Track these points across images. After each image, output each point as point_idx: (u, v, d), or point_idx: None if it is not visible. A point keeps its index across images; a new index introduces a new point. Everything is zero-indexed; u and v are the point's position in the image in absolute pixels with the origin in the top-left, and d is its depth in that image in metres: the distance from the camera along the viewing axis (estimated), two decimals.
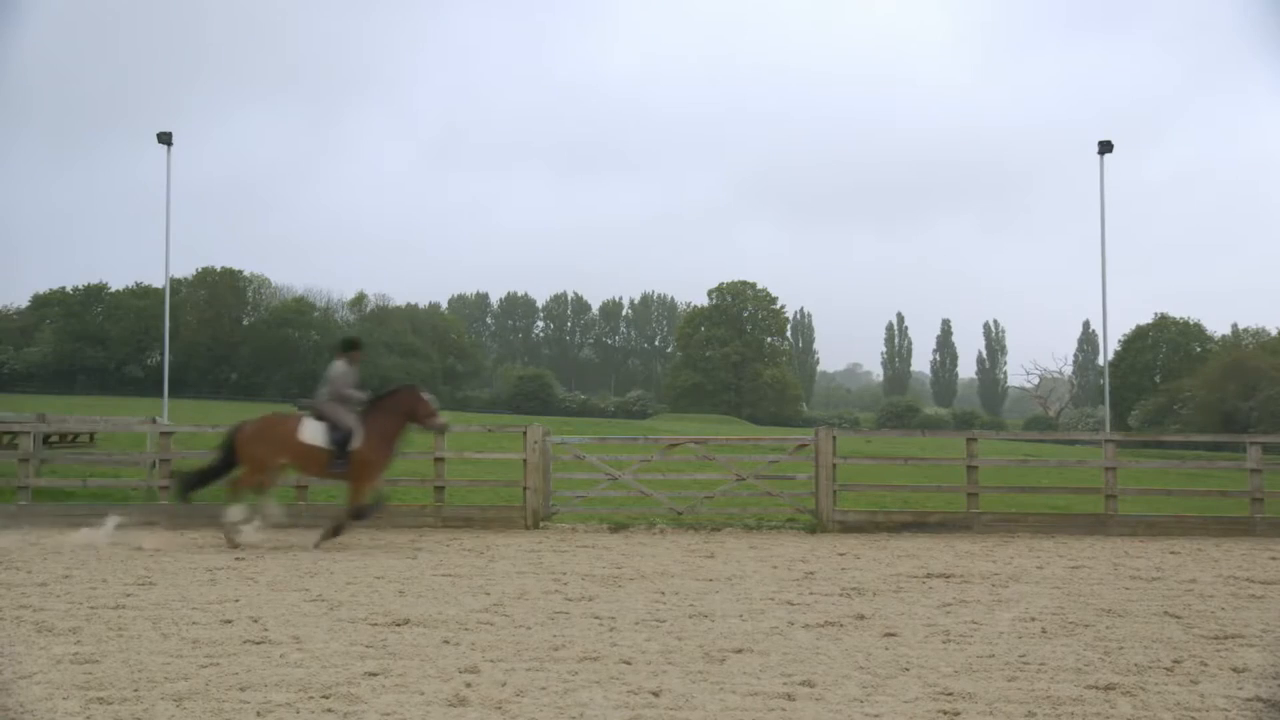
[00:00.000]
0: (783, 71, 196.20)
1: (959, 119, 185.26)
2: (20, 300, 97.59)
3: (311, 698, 5.68)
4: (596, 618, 8.04)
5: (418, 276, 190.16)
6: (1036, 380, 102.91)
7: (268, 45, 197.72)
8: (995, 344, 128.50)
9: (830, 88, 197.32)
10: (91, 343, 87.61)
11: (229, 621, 7.74)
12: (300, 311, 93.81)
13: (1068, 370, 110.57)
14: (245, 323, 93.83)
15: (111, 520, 13.06)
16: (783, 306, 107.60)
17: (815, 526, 14.40)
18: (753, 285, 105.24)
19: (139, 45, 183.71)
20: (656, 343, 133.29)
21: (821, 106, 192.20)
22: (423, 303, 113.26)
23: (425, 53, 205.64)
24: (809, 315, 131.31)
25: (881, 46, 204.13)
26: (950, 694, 5.86)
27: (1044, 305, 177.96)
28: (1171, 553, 12.46)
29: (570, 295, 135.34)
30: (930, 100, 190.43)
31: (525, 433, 14.73)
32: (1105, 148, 27.01)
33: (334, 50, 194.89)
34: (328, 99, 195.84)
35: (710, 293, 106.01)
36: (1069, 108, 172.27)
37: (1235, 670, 6.52)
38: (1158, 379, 74.50)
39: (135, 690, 5.80)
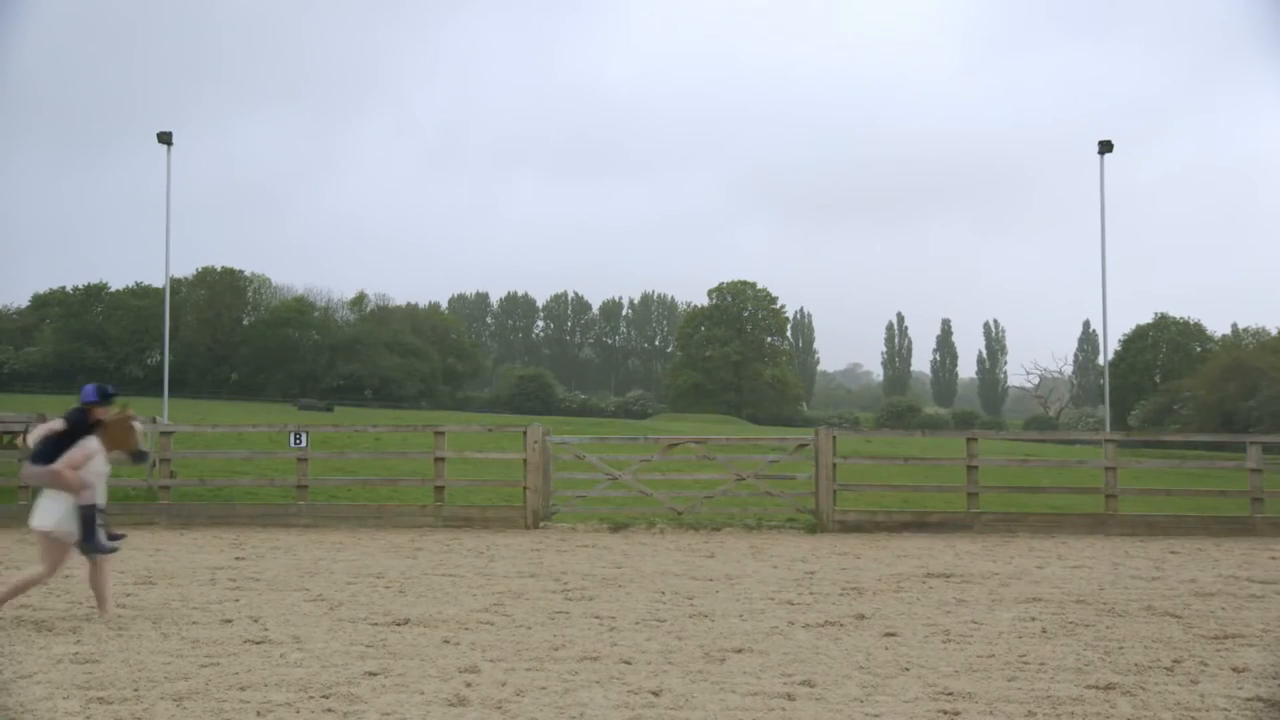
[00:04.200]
0: (782, 71, 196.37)
1: (959, 119, 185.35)
2: (20, 300, 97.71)
3: (311, 698, 5.68)
4: (596, 618, 8.04)
5: (418, 276, 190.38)
6: (1036, 380, 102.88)
7: (273, 51, 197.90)
8: (995, 344, 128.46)
9: (830, 88, 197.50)
10: (91, 343, 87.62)
11: (229, 621, 7.74)
12: (300, 311, 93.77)
13: (1068, 370, 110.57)
14: (245, 323, 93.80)
15: None
16: (783, 306, 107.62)
17: (815, 526, 14.40)
18: (753, 285, 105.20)
19: (147, 49, 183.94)
20: (656, 343, 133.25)
21: (822, 106, 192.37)
22: (423, 303, 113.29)
23: (427, 57, 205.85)
24: (809, 315, 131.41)
25: (883, 47, 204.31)
26: (950, 694, 5.86)
27: (1044, 305, 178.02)
28: (1171, 553, 12.47)
29: (570, 295, 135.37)
30: (930, 101, 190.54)
31: (525, 433, 14.73)
32: (1105, 147, 26.99)
33: (339, 56, 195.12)
34: (332, 103, 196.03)
35: (710, 293, 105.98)
36: (1070, 108, 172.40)
37: (1235, 670, 6.51)
38: (1158, 379, 74.47)
39: (135, 690, 5.80)
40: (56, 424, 7.90)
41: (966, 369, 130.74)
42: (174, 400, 38.76)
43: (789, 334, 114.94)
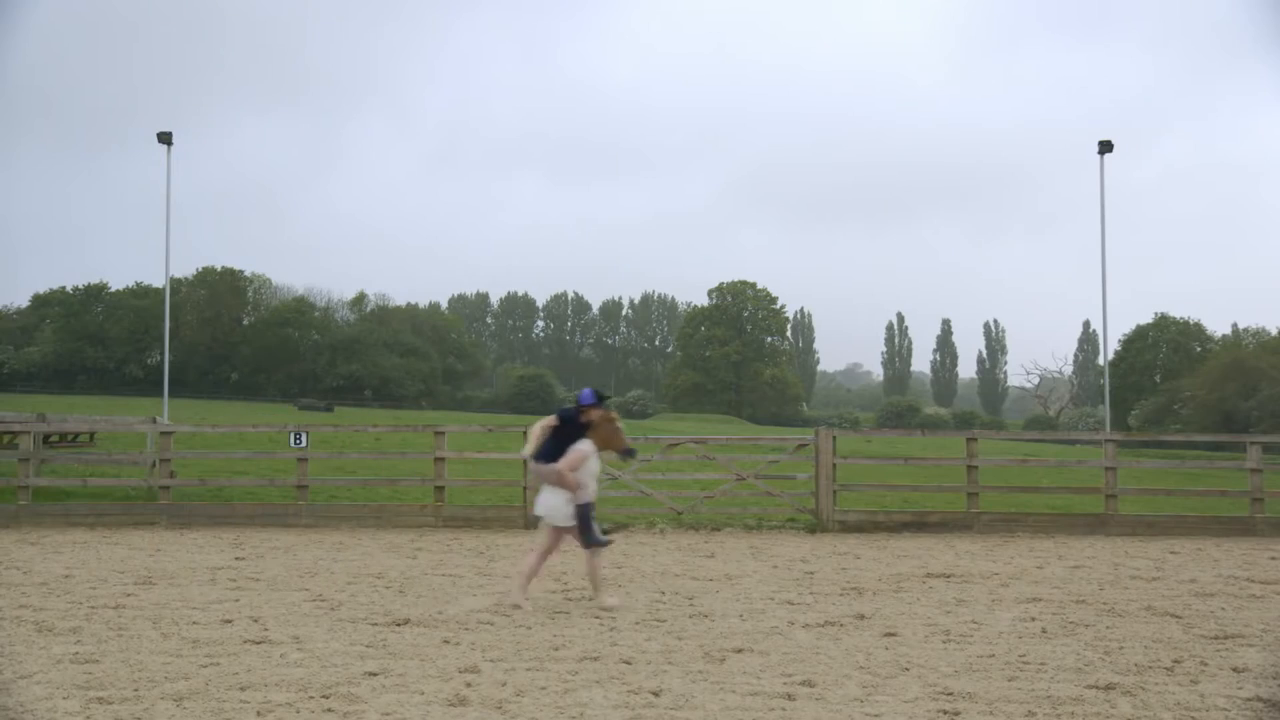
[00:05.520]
0: (783, 72, 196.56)
1: (960, 119, 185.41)
2: (20, 300, 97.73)
3: (311, 698, 5.67)
4: (596, 618, 8.04)
5: (418, 276, 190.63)
6: (1036, 380, 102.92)
7: (274, 51, 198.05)
8: (995, 344, 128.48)
9: (830, 88, 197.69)
10: (91, 343, 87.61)
11: (229, 621, 7.73)
12: (300, 311, 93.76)
13: (1068, 370, 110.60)
14: (245, 323, 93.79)
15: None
16: (783, 306, 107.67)
17: (815, 526, 14.39)
18: (753, 285, 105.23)
19: (147, 49, 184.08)
20: (656, 343, 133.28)
21: (821, 107, 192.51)
22: (423, 303, 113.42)
23: (429, 59, 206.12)
24: (809, 315, 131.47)
25: (883, 47, 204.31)
26: (950, 694, 5.86)
27: (1044, 305, 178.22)
28: (1171, 553, 12.46)
29: (570, 295, 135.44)
30: (930, 101, 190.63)
31: (525, 433, 14.69)
32: (1105, 148, 26.98)
33: (339, 56, 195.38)
34: (333, 103, 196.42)
35: (710, 293, 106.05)
36: (1070, 107, 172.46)
37: (1235, 670, 6.51)
38: (1158, 379, 74.49)
39: (135, 690, 5.80)
40: (550, 420, 8.75)
41: (966, 369, 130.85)
42: (174, 400, 38.77)
43: (789, 334, 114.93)
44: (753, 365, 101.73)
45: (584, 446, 8.48)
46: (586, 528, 8.40)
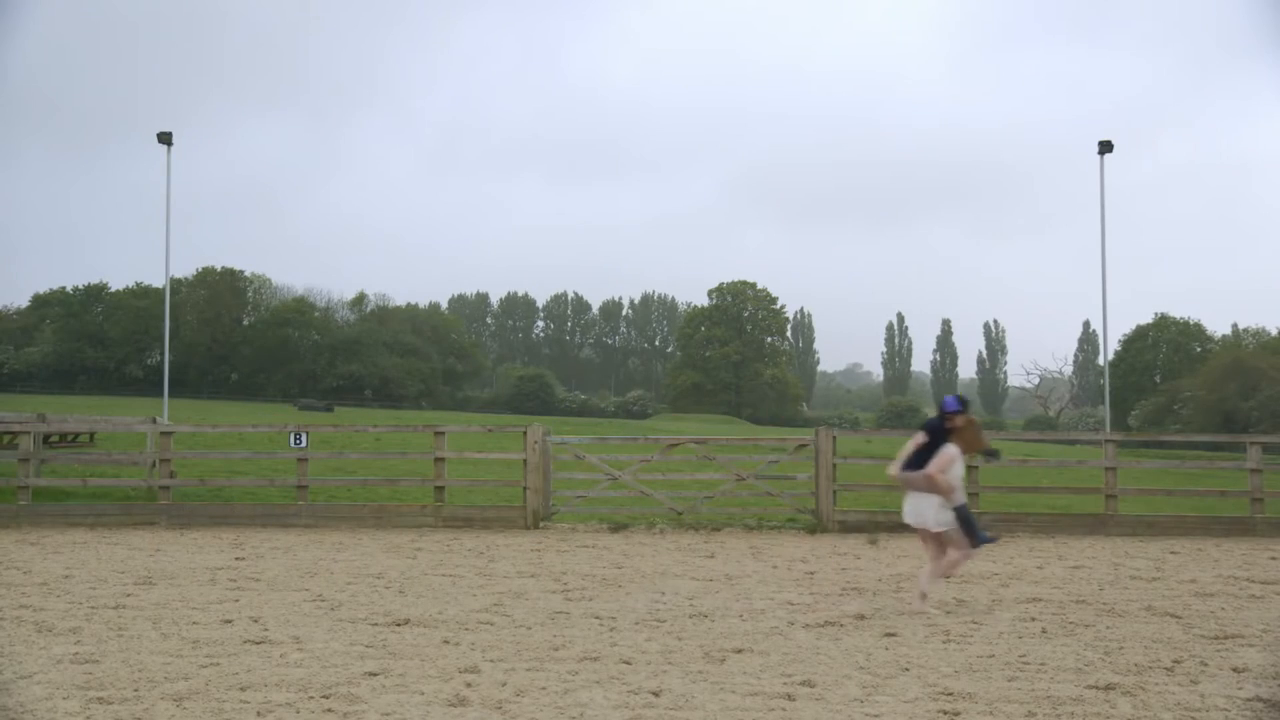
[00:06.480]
0: (783, 72, 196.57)
1: (960, 120, 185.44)
2: (20, 300, 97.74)
3: (311, 698, 5.67)
4: (596, 618, 8.04)
5: (418, 276, 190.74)
6: (1036, 380, 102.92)
7: (274, 51, 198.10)
8: (995, 344, 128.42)
9: (831, 89, 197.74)
10: (91, 343, 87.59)
11: (229, 621, 7.73)
12: (300, 311, 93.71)
13: (1068, 370, 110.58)
14: (245, 323, 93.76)
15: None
16: (783, 306, 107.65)
17: (815, 527, 14.38)
18: (753, 285, 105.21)
19: (148, 50, 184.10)
20: (656, 343, 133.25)
21: (822, 107, 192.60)
22: (423, 303, 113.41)
23: (429, 61, 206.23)
24: (809, 315, 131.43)
25: (884, 47, 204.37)
26: (950, 694, 5.86)
27: (1044, 305, 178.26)
28: (1171, 553, 12.46)
29: (570, 295, 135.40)
30: (930, 101, 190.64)
31: (525, 433, 14.72)
32: (1105, 148, 26.99)
33: (340, 56, 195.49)
34: (333, 103, 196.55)
35: (710, 293, 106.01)
36: (1070, 107, 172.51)
37: (1235, 670, 6.51)
38: (1158, 379, 74.50)
39: (135, 690, 5.80)
40: (920, 437, 8.75)
41: (966, 369, 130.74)
42: (174, 400, 38.77)
43: (789, 334, 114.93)
44: (753, 365, 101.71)
45: (950, 450, 8.52)
46: (970, 527, 8.45)
